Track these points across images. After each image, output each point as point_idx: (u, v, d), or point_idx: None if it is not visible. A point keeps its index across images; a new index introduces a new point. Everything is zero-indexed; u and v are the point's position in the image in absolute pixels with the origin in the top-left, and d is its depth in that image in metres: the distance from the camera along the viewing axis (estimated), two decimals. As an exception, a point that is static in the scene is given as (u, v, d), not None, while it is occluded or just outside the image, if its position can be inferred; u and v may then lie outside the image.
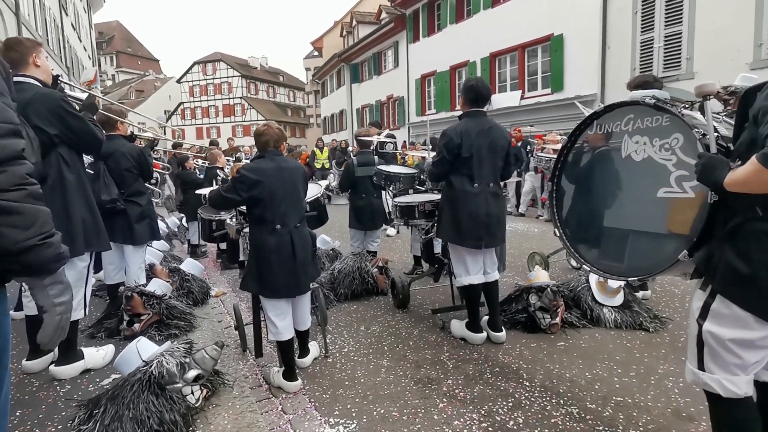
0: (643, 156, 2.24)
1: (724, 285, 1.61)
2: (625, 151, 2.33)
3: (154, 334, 3.78)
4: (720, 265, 1.62)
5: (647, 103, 2.16)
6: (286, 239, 2.93)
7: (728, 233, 1.60)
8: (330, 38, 34.54)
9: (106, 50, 64.18)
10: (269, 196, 2.90)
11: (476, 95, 3.47)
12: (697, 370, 1.72)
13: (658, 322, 3.84)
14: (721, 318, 1.63)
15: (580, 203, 2.67)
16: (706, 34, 9.63)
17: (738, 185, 1.47)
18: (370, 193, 5.31)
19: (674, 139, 2.09)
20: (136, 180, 4.17)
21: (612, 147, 2.42)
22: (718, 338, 1.63)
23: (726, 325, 1.61)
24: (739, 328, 1.58)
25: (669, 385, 2.90)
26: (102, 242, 3.15)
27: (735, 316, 1.58)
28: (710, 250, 1.70)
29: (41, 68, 2.95)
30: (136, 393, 2.39)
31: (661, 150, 2.15)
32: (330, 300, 4.65)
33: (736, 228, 1.57)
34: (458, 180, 3.45)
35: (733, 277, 1.57)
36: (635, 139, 2.29)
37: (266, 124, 3.14)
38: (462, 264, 3.56)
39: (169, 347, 2.74)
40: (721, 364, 1.65)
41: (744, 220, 1.55)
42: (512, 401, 2.80)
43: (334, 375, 3.24)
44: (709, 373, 1.68)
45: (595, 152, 2.57)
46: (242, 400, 2.87)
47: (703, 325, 1.67)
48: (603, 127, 2.50)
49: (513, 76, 15.54)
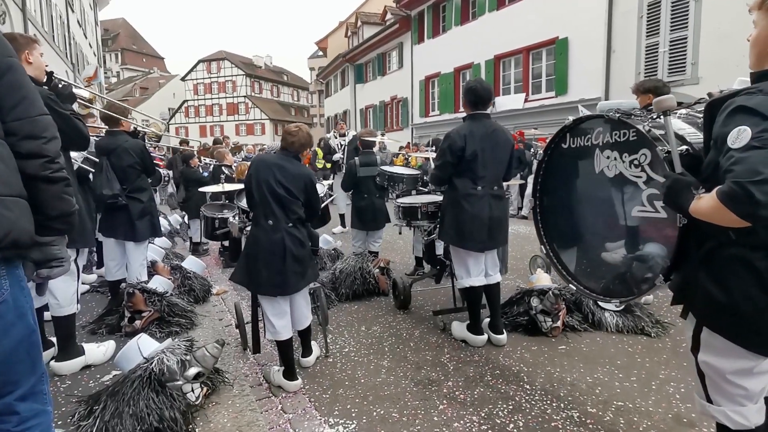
0: (615, 172, 2.15)
1: (705, 315, 1.54)
2: (598, 166, 2.23)
3: (155, 331, 3.78)
4: (698, 293, 1.53)
5: (611, 117, 2.06)
6: (276, 237, 2.91)
7: (702, 258, 1.52)
8: (335, 38, 34.56)
9: (111, 47, 64.35)
10: (264, 191, 2.92)
11: (476, 97, 3.46)
12: (704, 401, 1.63)
13: (660, 327, 3.82)
14: (713, 348, 1.53)
15: (562, 220, 2.63)
16: (712, 39, 9.60)
17: (703, 216, 1.39)
18: (372, 194, 5.30)
19: (642, 155, 1.99)
20: (138, 176, 4.17)
21: (585, 161, 2.32)
22: (716, 369, 1.54)
23: (720, 355, 1.51)
24: (734, 358, 1.48)
25: (670, 390, 2.89)
26: (87, 239, 3.16)
27: (727, 346, 1.48)
28: (685, 276, 1.62)
29: (33, 65, 2.90)
30: (136, 390, 2.39)
31: (631, 166, 2.05)
32: (331, 300, 4.65)
33: (710, 253, 1.49)
34: (461, 182, 3.44)
35: (713, 307, 1.48)
36: (606, 154, 2.18)
37: (298, 126, 3.14)
38: (463, 266, 3.55)
39: (170, 344, 2.74)
40: (725, 395, 1.55)
41: (717, 245, 1.47)
42: (512, 404, 2.79)
43: (335, 375, 3.23)
44: (716, 404, 1.58)
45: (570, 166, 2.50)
46: (242, 399, 2.87)
47: (697, 356, 1.60)
48: (576, 141, 2.41)
49: (517, 78, 15.53)
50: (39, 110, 1.43)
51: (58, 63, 16.66)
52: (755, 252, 1.39)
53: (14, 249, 1.32)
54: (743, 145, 1.26)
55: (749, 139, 1.26)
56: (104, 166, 3.98)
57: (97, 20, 31.27)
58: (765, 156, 1.22)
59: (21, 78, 1.41)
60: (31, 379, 1.40)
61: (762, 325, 1.41)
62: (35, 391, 1.42)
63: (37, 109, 1.42)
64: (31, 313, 1.41)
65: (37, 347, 1.43)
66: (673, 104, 1.67)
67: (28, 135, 1.37)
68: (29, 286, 1.45)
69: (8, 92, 1.36)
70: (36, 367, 1.42)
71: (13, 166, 1.34)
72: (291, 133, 3.06)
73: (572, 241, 2.60)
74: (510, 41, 15.11)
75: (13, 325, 1.33)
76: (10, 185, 1.31)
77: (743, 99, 1.35)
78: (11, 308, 1.32)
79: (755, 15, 1.46)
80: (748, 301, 1.40)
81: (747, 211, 1.23)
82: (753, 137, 1.25)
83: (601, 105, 2.24)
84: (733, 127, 1.31)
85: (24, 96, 1.39)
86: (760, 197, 1.18)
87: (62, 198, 1.47)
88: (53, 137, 1.45)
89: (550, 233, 2.74)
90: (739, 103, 1.35)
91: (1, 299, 1.29)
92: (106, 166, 3.98)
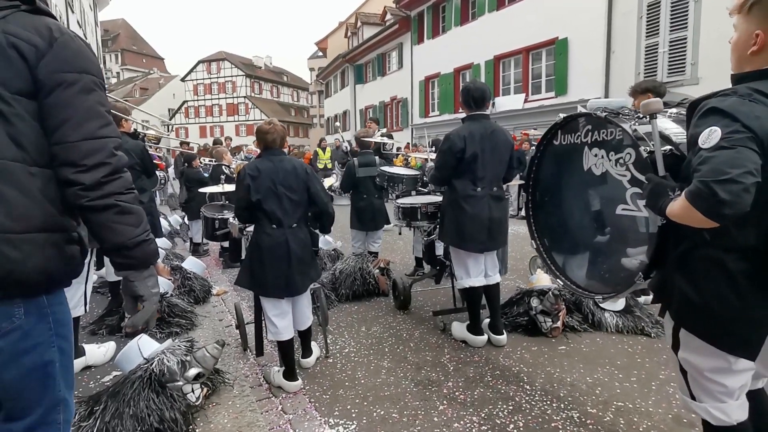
0: (602, 170, 2.19)
1: (680, 315, 1.55)
2: (586, 163, 2.28)
3: (155, 331, 3.78)
4: (674, 293, 1.55)
5: (598, 116, 2.10)
6: (280, 239, 2.93)
7: (678, 259, 1.54)
8: (334, 39, 34.58)
9: (111, 48, 64.37)
10: (264, 195, 2.91)
11: (470, 98, 3.48)
12: (687, 398, 1.65)
13: (660, 327, 3.81)
14: (690, 347, 1.55)
15: (553, 216, 2.68)
16: (711, 39, 9.59)
17: (675, 218, 1.40)
18: (371, 194, 5.30)
19: (627, 154, 2.03)
20: (138, 177, 4.18)
21: (575, 159, 2.36)
22: (695, 367, 1.56)
23: (698, 354, 1.53)
24: (710, 357, 1.49)
25: (670, 391, 2.89)
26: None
27: (703, 345, 1.50)
28: (663, 276, 1.64)
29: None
30: (136, 390, 2.40)
31: (617, 165, 2.09)
32: (331, 300, 4.65)
33: (685, 254, 1.51)
34: (461, 183, 3.45)
35: (688, 307, 1.50)
36: (594, 152, 2.23)
37: (270, 121, 3.11)
38: (463, 266, 3.56)
39: (170, 345, 2.74)
40: (705, 392, 1.57)
41: (692, 246, 1.48)
42: (512, 405, 2.79)
43: (335, 375, 3.23)
44: (699, 401, 1.60)
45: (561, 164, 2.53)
46: (242, 399, 2.88)
47: (678, 354, 1.61)
48: (567, 138, 2.46)
49: (517, 79, 15.53)
50: (84, 134, 1.26)
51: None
52: (728, 254, 1.41)
53: (20, 288, 1.22)
54: (712, 146, 1.29)
55: (718, 140, 1.28)
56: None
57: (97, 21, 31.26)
58: (731, 156, 1.24)
59: (72, 98, 1.26)
60: (41, 410, 1.33)
61: (734, 327, 1.43)
62: (47, 421, 1.35)
63: (80, 132, 1.26)
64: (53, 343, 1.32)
65: (52, 378, 1.33)
66: (660, 107, 1.70)
67: (64, 162, 1.25)
68: None
69: (51, 112, 1.25)
70: (49, 397, 1.34)
71: (39, 197, 1.24)
72: (268, 132, 3.01)
73: (562, 236, 2.63)
74: (510, 42, 15.11)
75: (26, 354, 1.27)
76: (29, 219, 1.21)
77: (717, 101, 1.38)
78: (23, 336, 1.26)
79: (735, 19, 1.48)
80: (721, 301, 1.42)
81: (712, 210, 1.24)
82: (722, 137, 1.27)
83: (591, 103, 2.27)
84: (705, 128, 1.33)
85: (66, 118, 1.25)
86: (724, 196, 1.20)
87: (111, 228, 1.30)
88: (99, 164, 1.27)
89: (541, 228, 2.78)
90: (712, 105, 1.37)
91: (10, 327, 1.24)
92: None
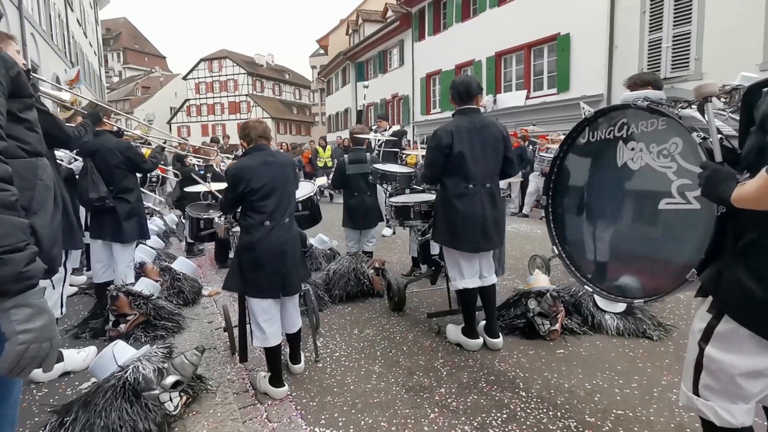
0: (640, 164, 2.05)
1: (734, 307, 1.44)
2: (621, 159, 2.14)
3: (140, 335, 3.68)
4: (731, 285, 1.44)
5: (639, 106, 1.97)
6: (274, 236, 2.84)
7: (740, 250, 1.42)
8: (336, 36, 34.43)
9: (113, 47, 64.46)
10: (255, 192, 2.81)
11: (455, 92, 3.39)
12: (691, 394, 1.57)
13: (663, 330, 3.69)
14: (725, 342, 1.46)
15: (577, 218, 2.51)
16: (715, 34, 9.41)
17: (748, 202, 1.29)
18: (362, 192, 5.18)
19: (672, 144, 1.90)
20: (125, 176, 4.06)
21: (607, 155, 2.23)
22: (720, 364, 1.47)
23: (731, 351, 1.44)
24: (744, 355, 1.42)
25: (673, 398, 2.75)
26: (75, 241, 3.03)
27: (742, 342, 1.41)
28: (719, 269, 1.52)
29: None
30: (109, 400, 2.28)
31: (660, 157, 1.96)
32: (324, 302, 4.53)
33: (750, 245, 1.39)
34: (451, 181, 3.31)
35: (746, 299, 1.39)
36: (630, 146, 2.09)
37: (249, 119, 3.13)
38: (456, 267, 3.42)
39: (147, 351, 2.62)
40: (718, 391, 1.49)
41: (759, 236, 1.37)
42: (507, 412, 2.66)
43: (323, 381, 3.11)
44: (704, 399, 1.52)
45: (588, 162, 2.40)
46: (224, 407, 2.75)
47: (705, 348, 1.51)
48: (596, 134, 2.33)
49: (519, 75, 15.35)
50: None
51: (57, 62, 16.59)
52: None
53: None
54: None
55: None
56: (89, 169, 3.87)
57: (97, 19, 31.22)
58: None
59: None
60: None
61: None
62: None
63: None
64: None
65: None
66: (715, 90, 1.58)
67: None
68: None
69: None
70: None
71: None
72: (254, 127, 3.01)
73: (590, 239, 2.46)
74: (511, 38, 14.93)
75: None
76: None
77: None
78: None
79: None
80: None
81: None
82: None
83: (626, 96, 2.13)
84: None
85: None
86: None
87: None
88: None
89: (562, 232, 2.60)
90: None
91: None
92: (91, 168, 3.87)
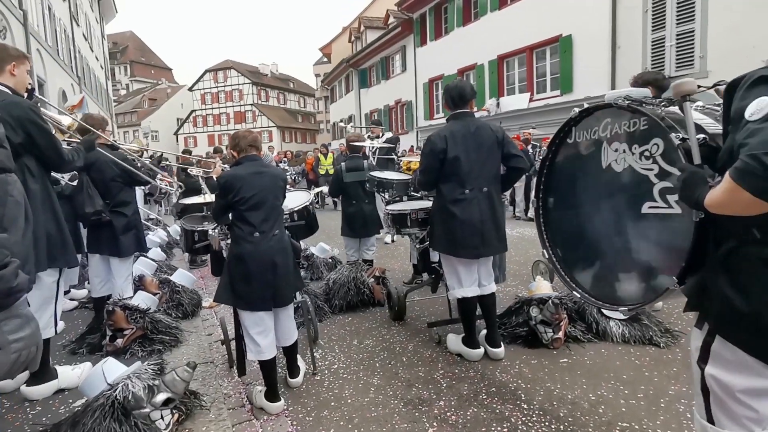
0: (623, 166, 1.98)
1: (721, 324, 1.34)
2: (605, 160, 2.07)
3: (137, 349, 3.64)
4: (715, 299, 1.34)
5: (620, 105, 1.89)
6: (264, 248, 2.79)
7: (721, 259, 1.34)
8: (338, 44, 34.61)
9: (120, 60, 65.26)
10: (245, 202, 2.78)
11: (448, 97, 3.34)
12: (705, 422, 1.44)
13: (670, 336, 3.58)
14: (724, 361, 1.35)
15: (566, 221, 2.43)
16: (720, 31, 9.30)
17: (718, 207, 1.22)
18: (360, 199, 5.13)
19: (654, 146, 1.82)
20: (121, 189, 4.04)
21: (591, 156, 2.16)
22: (724, 386, 1.35)
23: (731, 370, 1.33)
24: (747, 375, 1.29)
25: (680, 408, 2.65)
26: (68, 257, 3.01)
27: (740, 360, 1.30)
28: (702, 280, 1.43)
29: (17, 78, 2.93)
30: (97, 420, 2.23)
31: (642, 158, 1.88)
32: (324, 312, 4.47)
33: (730, 253, 1.30)
34: (448, 187, 3.24)
35: (731, 315, 1.29)
36: (614, 147, 2.02)
37: (238, 131, 3.13)
38: (455, 275, 3.35)
39: (138, 368, 2.57)
40: (731, 416, 1.36)
41: (738, 244, 1.28)
42: (508, 426, 2.58)
43: (321, 394, 3.05)
44: (719, 427, 1.40)
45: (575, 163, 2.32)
46: (218, 425, 2.69)
47: (705, 369, 1.40)
48: (582, 135, 2.24)
49: (521, 78, 15.29)
50: None
51: (63, 77, 16.77)
52: None
53: None
54: (762, 116, 1.10)
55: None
56: (85, 183, 3.84)
57: (103, 33, 31.61)
58: None
59: None
60: None
61: None
62: None
63: None
64: None
65: None
66: (694, 88, 1.50)
67: None
68: None
69: None
70: None
71: None
72: (244, 137, 3.01)
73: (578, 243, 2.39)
74: (513, 41, 14.88)
75: None
76: None
77: (765, 70, 1.20)
78: None
79: None
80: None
81: (762, 187, 1.05)
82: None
83: (610, 94, 2.06)
84: (752, 100, 1.15)
85: None
86: None
87: None
88: None
89: (553, 235, 2.52)
90: (761, 74, 1.19)
91: None
92: (87, 182, 3.84)
